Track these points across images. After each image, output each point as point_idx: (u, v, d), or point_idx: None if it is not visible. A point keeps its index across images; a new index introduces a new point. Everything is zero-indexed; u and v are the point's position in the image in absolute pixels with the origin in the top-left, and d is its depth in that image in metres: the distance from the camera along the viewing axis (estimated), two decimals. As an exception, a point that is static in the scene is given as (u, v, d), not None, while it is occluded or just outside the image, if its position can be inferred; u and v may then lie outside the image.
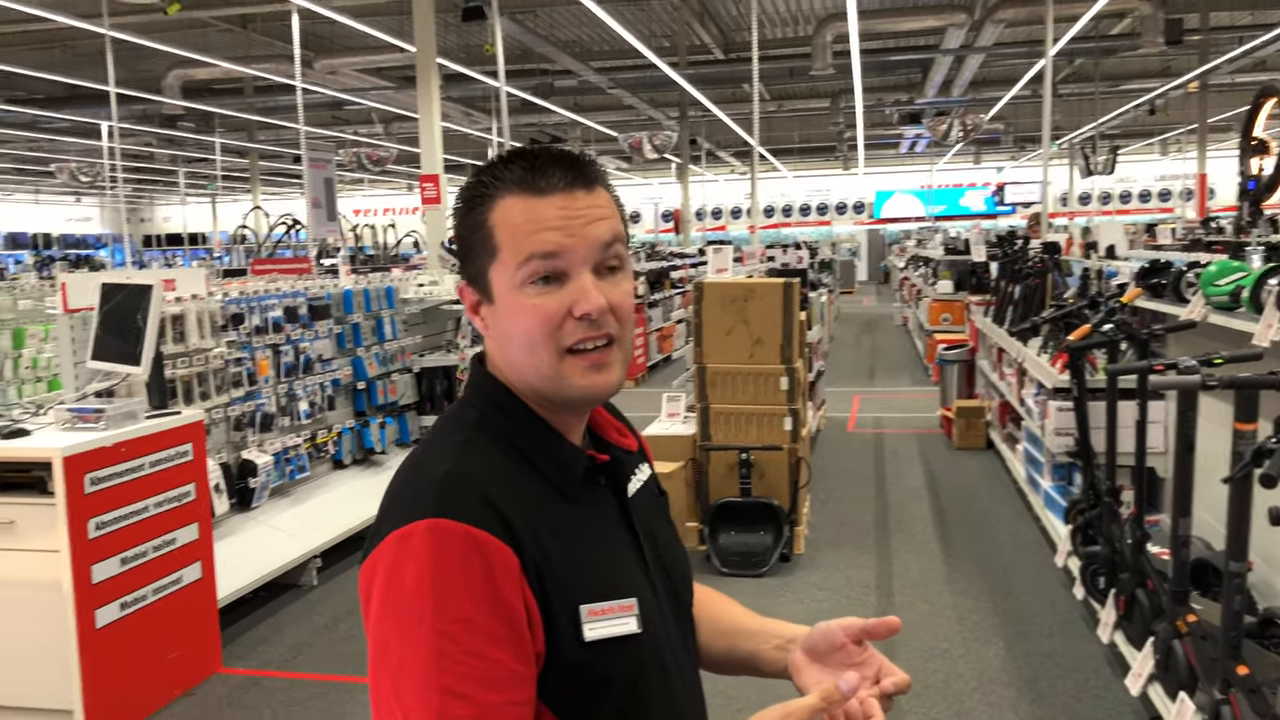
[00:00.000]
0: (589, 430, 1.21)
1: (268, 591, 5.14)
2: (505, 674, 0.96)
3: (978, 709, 3.88)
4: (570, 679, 1.03)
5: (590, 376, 1.08)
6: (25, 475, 3.79)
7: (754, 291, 5.91)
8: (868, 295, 28.86)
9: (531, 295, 1.06)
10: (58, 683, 3.70)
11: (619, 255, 1.10)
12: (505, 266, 1.07)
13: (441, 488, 1.02)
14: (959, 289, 11.92)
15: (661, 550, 1.21)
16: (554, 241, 1.06)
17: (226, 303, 5.45)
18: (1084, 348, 4.39)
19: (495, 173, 1.10)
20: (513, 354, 1.10)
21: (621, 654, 1.06)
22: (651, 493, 1.27)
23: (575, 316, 1.06)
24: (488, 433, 1.11)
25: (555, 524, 1.06)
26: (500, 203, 1.08)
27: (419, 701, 0.94)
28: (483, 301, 1.12)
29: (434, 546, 0.98)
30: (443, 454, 1.08)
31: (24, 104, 16.43)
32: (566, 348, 1.07)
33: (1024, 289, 6.98)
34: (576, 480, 1.12)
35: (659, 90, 17.90)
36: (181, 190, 27.57)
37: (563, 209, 1.07)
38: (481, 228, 1.09)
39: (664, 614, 1.15)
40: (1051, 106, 10.52)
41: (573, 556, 1.06)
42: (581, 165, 1.11)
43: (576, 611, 1.03)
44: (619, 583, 1.09)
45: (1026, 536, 5.97)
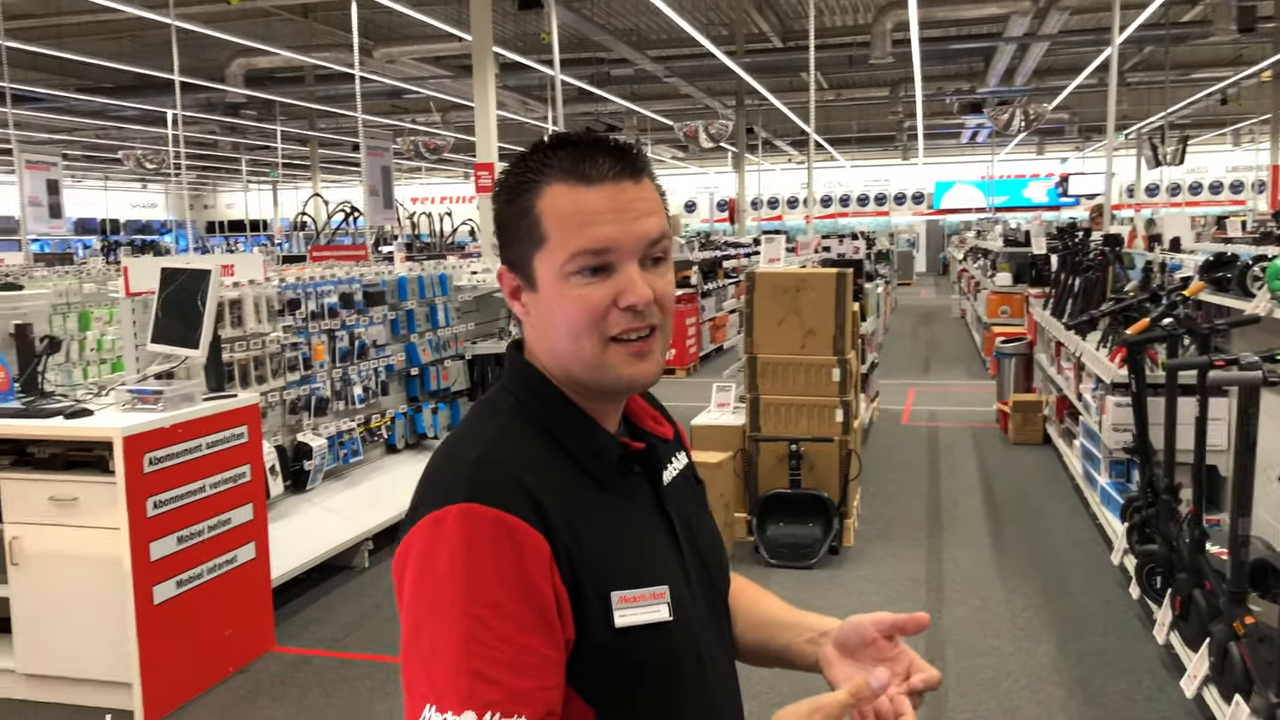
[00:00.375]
0: (625, 418, 1.21)
1: (320, 572, 5.23)
2: (535, 659, 0.97)
3: (1026, 707, 3.83)
4: (602, 666, 1.03)
5: (634, 365, 1.09)
6: (88, 454, 3.89)
7: (806, 282, 5.86)
8: (926, 287, 28.52)
9: (578, 285, 1.06)
10: (117, 656, 3.80)
11: (664, 249, 1.10)
12: (552, 256, 1.07)
13: (474, 473, 1.03)
14: (1018, 281, 11.73)
15: (697, 538, 1.21)
16: (604, 237, 1.06)
17: (283, 288, 5.53)
18: (1143, 342, 4.30)
19: (541, 159, 1.09)
20: (555, 341, 1.10)
21: (653, 641, 1.06)
22: (688, 481, 1.27)
23: (620, 307, 1.06)
24: (523, 419, 1.11)
25: (588, 511, 1.06)
26: (548, 190, 1.07)
27: (449, 684, 0.95)
28: (524, 287, 1.12)
29: (466, 531, 0.98)
30: (478, 439, 1.08)
31: (94, 93, 16.84)
32: (610, 337, 1.08)
33: (1084, 282, 6.84)
34: (611, 467, 1.12)
35: (716, 79, 17.82)
36: (244, 177, 28.09)
37: (612, 200, 1.06)
38: (527, 215, 1.08)
39: (698, 602, 1.15)
40: (1119, 96, 10.29)
41: (605, 543, 1.06)
42: (630, 155, 1.10)
43: (608, 598, 1.04)
44: (651, 570, 1.09)
45: (1082, 534, 5.87)
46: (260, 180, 33.03)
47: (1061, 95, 19.09)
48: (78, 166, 27.95)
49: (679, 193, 34.53)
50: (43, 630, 3.93)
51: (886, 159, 31.94)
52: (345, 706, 3.94)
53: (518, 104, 18.04)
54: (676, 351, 12.23)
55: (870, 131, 27.00)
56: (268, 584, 4.54)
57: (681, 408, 9.65)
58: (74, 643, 3.90)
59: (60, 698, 3.96)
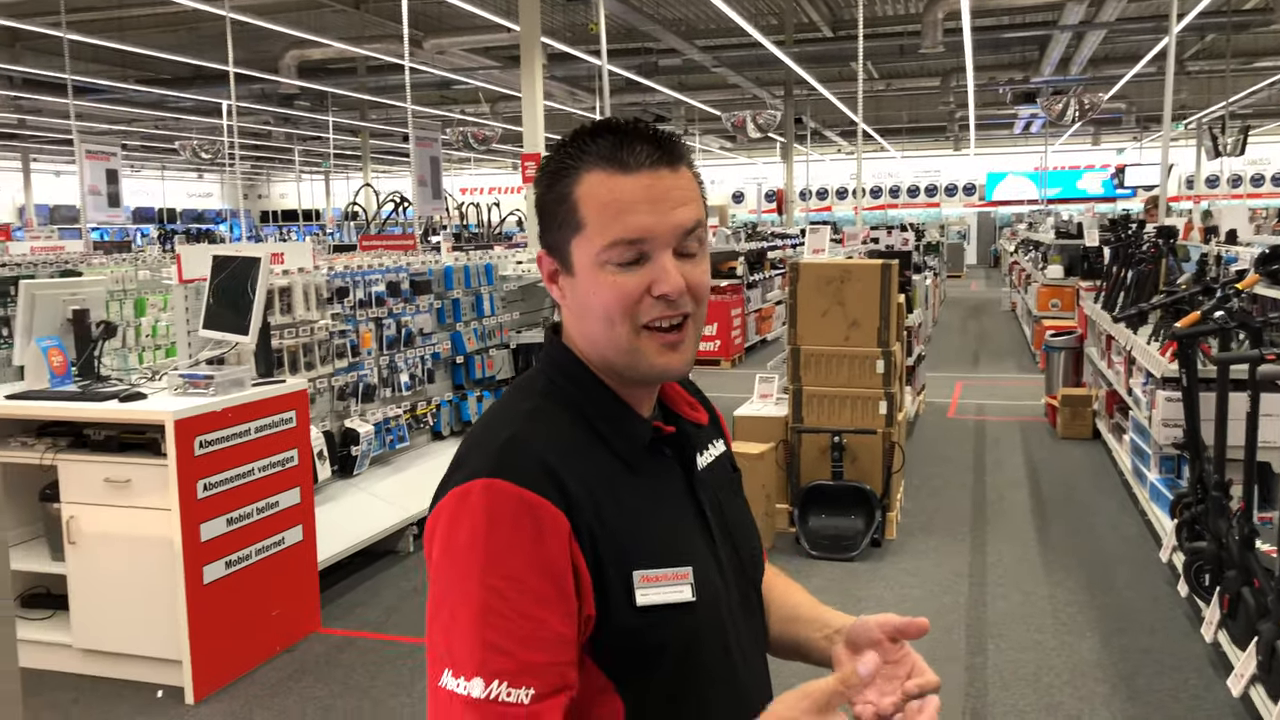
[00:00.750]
0: (661, 403, 1.22)
1: (365, 556, 5.31)
2: (549, 635, 0.99)
3: (1068, 703, 3.79)
4: (623, 643, 1.05)
5: (666, 355, 1.10)
6: (141, 437, 3.99)
7: (851, 273, 5.83)
8: (976, 279, 28.18)
9: (613, 272, 1.08)
10: (168, 634, 3.90)
11: (700, 238, 1.12)
12: (589, 243, 1.08)
13: (502, 451, 1.05)
14: (1069, 274, 11.56)
15: (730, 526, 1.22)
16: (640, 226, 1.07)
17: (332, 276, 5.62)
18: (1193, 335, 4.22)
19: (581, 145, 1.10)
20: (590, 326, 1.12)
21: (676, 622, 1.07)
22: (724, 468, 1.28)
23: (654, 296, 1.08)
24: (555, 400, 1.13)
25: (615, 491, 1.08)
26: (586, 177, 1.09)
27: (464, 653, 0.98)
28: (561, 272, 1.13)
29: (488, 505, 1.01)
30: (509, 418, 1.11)
31: (152, 84, 17.15)
32: (643, 324, 1.09)
33: (1136, 274, 6.73)
34: (641, 450, 1.14)
35: (764, 69, 17.74)
36: (296, 168, 28.45)
37: (649, 189, 1.08)
38: (565, 200, 1.10)
39: (729, 588, 1.16)
40: (1178, 85, 10.09)
41: (631, 524, 1.08)
42: (668, 143, 1.11)
43: (630, 577, 1.05)
44: (677, 551, 1.10)
45: (1130, 530, 5.79)
46: (313, 170, 33.45)
47: (1118, 85, 18.73)
48: (136, 156, 28.49)
49: (726, 183, 34.42)
50: (98, 607, 4.04)
51: (937, 150, 31.58)
52: (387, 687, 4.01)
53: (565, 94, 18.08)
54: (721, 342, 12.22)
55: (921, 122, 26.68)
56: (314, 566, 4.62)
57: (725, 399, 9.64)
58: (127, 620, 4.01)
59: (114, 673, 4.08)
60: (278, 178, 37.58)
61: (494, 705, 0.96)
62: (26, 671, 4.08)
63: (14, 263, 7.42)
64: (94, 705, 3.89)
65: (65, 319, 4.40)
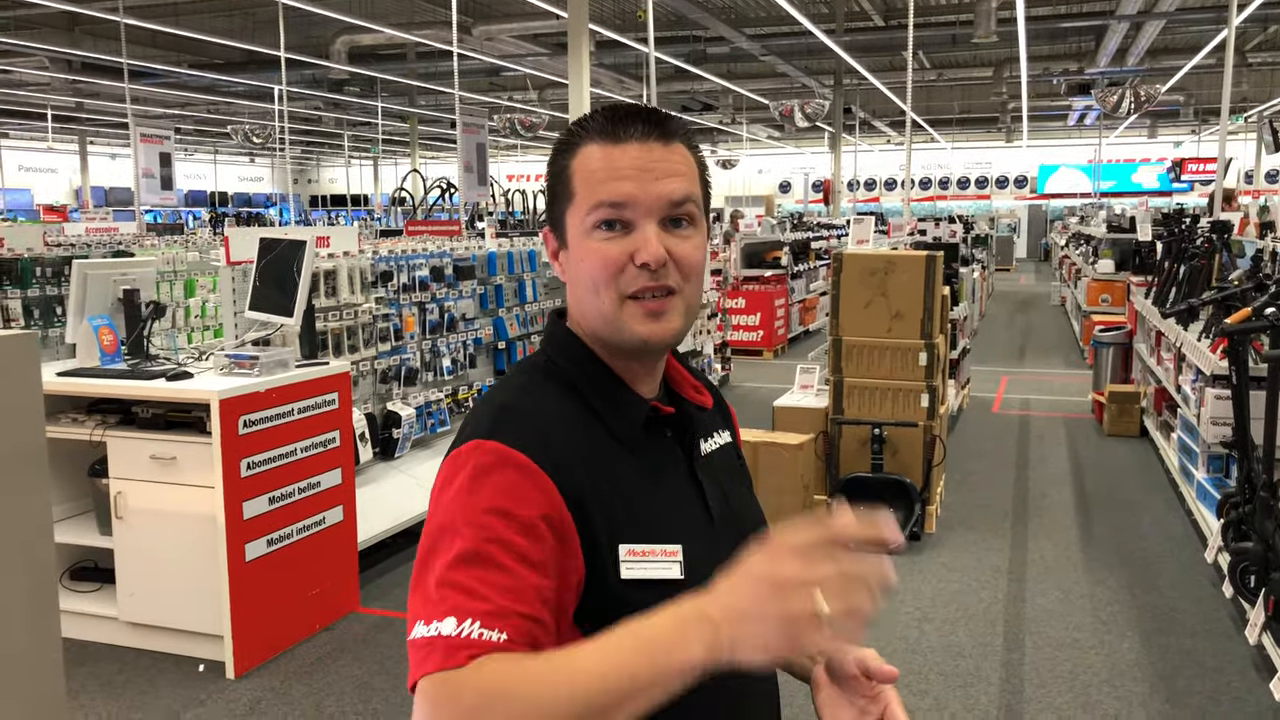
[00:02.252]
0: (666, 385, 1.23)
1: (405, 538, 5.36)
2: (526, 588, 0.97)
3: (1105, 702, 3.74)
4: (607, 614, 1.03)
5: (648, 324, 1.11)
6: (187, 415, 4.07)
7: (895, 264, 5.78)
8: (1025, 273, 27.79)
9: (598, 239, 1.10)
10: (211, 609, 3.98)
11: (689, 213, 1.12)
12: (578, 211, 1.11)
13: (495, 416, 1.08)
14: (1120, 269, 11.37)
15: (735, 513, 1.21)
16: (623, 191, 1.08)
17: (376, 260, 5.67)
18: (1244, 332, 4.14)
19: (583, 123, 1.14)
20: (580, 296, 1.14)
21: (660, 598, 1.06)
22: (730, 457, 1.28)
23: (636, 265, 1.09)
24: (550, 376, 1.15)
25: (608, 466, 1.09)
26: (581, 150, 1.12)
27: (437, 598, 0.96)
28: (560, 247, 1.16)
29: (477, 464, 1.03)
30: (505, 390, 1.14)
31: (205, 69, 17.40)
32: (627, 294, 1.10)
33: (1189, 270, 6.61)
34: (637, 428, 1.14)
35: (814, 57, 17.59)
36: (346, 153, 28.72)
37: (636, 159, 1.10)
38: (562, 173, 1.14)
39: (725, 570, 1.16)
40: (1239, 76, 9.85)
41: (621, 498, 1.08)
42: (662, 119, 1.13)
43: (616, 549, 1.06)
44: (668, 529, 1.10)
45: (1175, 529, 5.69)
46: (362, 156, 33.77)
47: (1176, 76, 18.35)
48: (189, 140, 28.96)
49: (773, 173, 34.22)
50: (143, 582, 4.13)
51: (989, 141, 31.15)
52: (424, 668, 4.06)
53: (613, 82, 18.07)
54: (764, 333, 12.17)
55: (972, 113, 26.35)
56: (354, 546, 4.69)
57: (765, 389, 9.63)
58: (171, 595, 4.09)
59: (157, 646, 4.16)
60: (327, 163, 38.00)
61: (464, 640, 0.91)
62: (73, 643, 4.19)
63: (69, 243, 7.58)
64: (137, 677, 3.98)
65: (116, 298, 4.48)
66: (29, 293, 5.62)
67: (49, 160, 29.34)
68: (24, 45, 14.55)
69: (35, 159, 29.15)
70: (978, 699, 3.77)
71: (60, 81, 17.95)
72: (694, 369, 1.30)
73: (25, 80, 18.70)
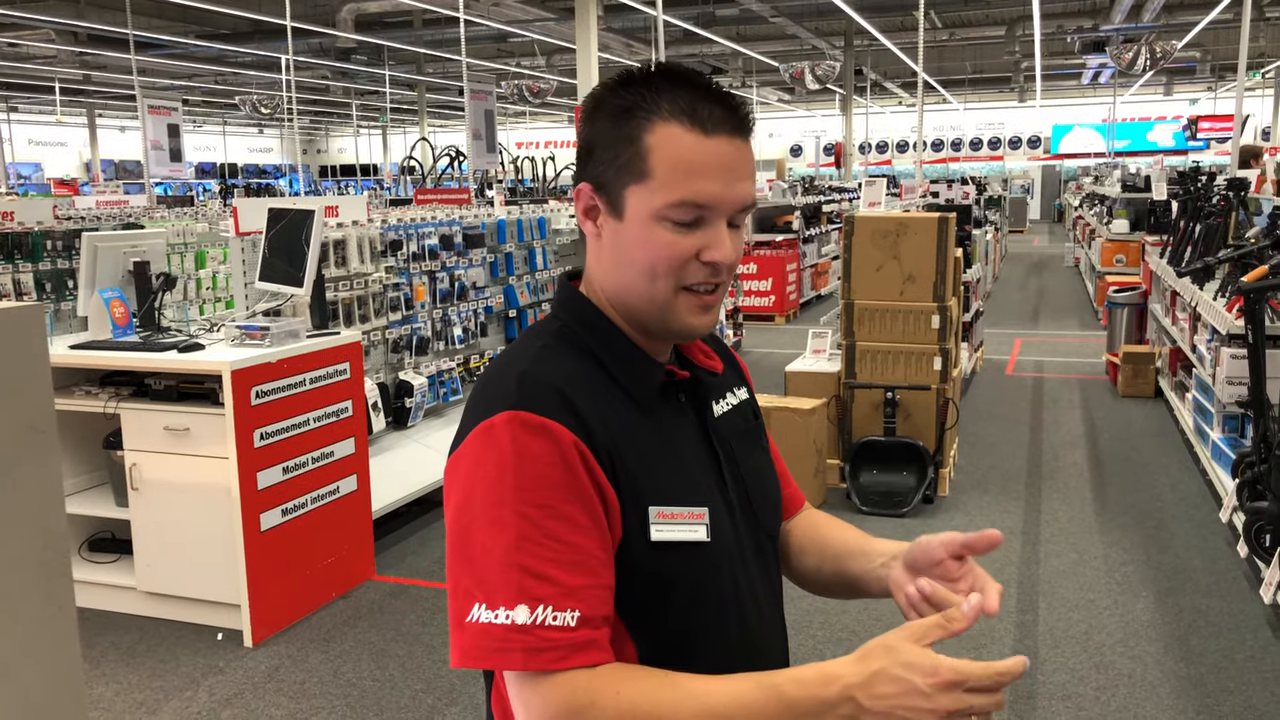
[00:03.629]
0: (676, 350, 1.22)
1: (419, 506, 5.39)
2: (587, 558, 0.99)
3: (1119, 662, 3.75)
4: (635, 578, 1.05)
5: (699, 316, 1.11)
6: (199, 387, 4.08)
7: (907, 227, 5.73)
8: (1039, 235, 27.60)
9: (669, 230, 1.07)
10: (228, 579, 4.01)
11: (747, 214, 1.13)
12: (652, 194, 1.07)
13: (519, 385, 1.06)
14: (1135, 229, 11.27)
15: (744, 474, 1.21)
16: (711, 193, 1.06)
17: (385, 229, 5.66)
18: (1261, 290, 4.10)
19: (655, 89, 1.08)
20: (628, 275, 1.11)
21: (687, 560, 1.08)
22: (744, 416, 1.28)
23: (703, 261, 1.08)
24: (567, 341, 1.14)
25: (629, 429, 1.09)
26: (661, 127, 1.07)
27: (500, 581, 0.97)
28: (605, 211, 1.12)
29: (514, 435, 1.02)
30: (521, 357, 1.12)
31: (212, 39, 17.32)
32: (684, 286, 1.09)
33: (1204, 229, 6.54)
34: (653, 392, 1.14)
35: (824, 18, 17.41)
36: (354, 122, 28.62)
37: (724, 157, 1.07)
38: (633, 144, 1.08)
39: (739, 534, 1.16)
40: (1256, 31, 9.70)
41: (645, 461, 1.08)
42: (744, 112, 1.10)
43: (646, 512, 1.06)
44: (691, 493, 1.11)
45: (1190, 489, 5.67)
46: (370, 125, 33.66)
47: (1193, 32, 18.08)
48: (198, 112, 28.90)
49: (784, 136, 33.98)
50: (160, 552, 4.17)
51: (1002, 101, 30.82)
52: (439, 633, 4.09)
53: (621, 46, 17.91)
54: (776, 298, 12.13)
55: (985, 73, 26.04)
56: (369, 515, 4.71)
57: (778, 354, 9.61)
58: (188, 565, 4.13)
59: (176, 615, 4.21)
60: (336, 132, 37.89)
61: (541, 630, 0.95)
62: (93, 613, 4.24)
63: (79, 216, 7.59)
64: (156, 646, 4.02)
65: (127, 271, 4.49)
66: (40, 266, 5.63)
67: (58, 134, 29.33)
68: (30, 18, 14.50)
69: (44, 132, 29.15)
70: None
71: (67, 54, 17.91)
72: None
73: (32, 53, 18.66)
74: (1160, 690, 3.55)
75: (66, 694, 1.53)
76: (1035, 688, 3.59)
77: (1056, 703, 3.48)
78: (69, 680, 1.53)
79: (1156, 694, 3.52)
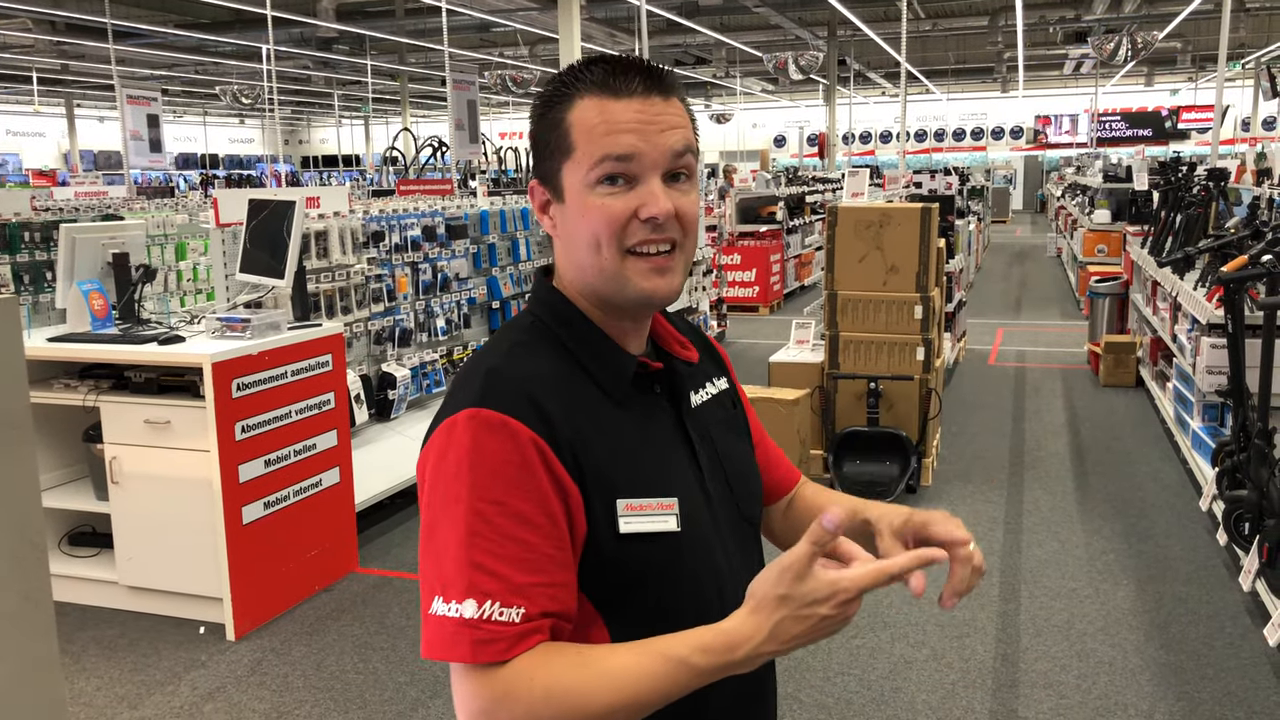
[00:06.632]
0: (653, 342, 1.23)
1: (403, 498, 5.38)
2: (537, 556, 1.01)
3: (1100, 650, 3.77)
4: (606, 571, 1.07)
5: (652, 279, 1.10)
6: (180, 379, 4.05)
7: (890, 217, 5.74)
8: (1022, 225, 27.70)
9: (601, 195, 1.08)
10: (210, 572, 3.98)
11: (688, 165, 1.11)
12: (578, 165, 1.09)
13: (484, 382, 1.07)
14: (1117, 219, 11.33)
15: (724, 462, 1.22)
16: (628, 144, 1.07)
17: (367, 220, 5.63)
18: (1240, 280, 4.12)
19: (576, 75, 1.12)
20: (578, 253, 1.12)
21: (659, 552, 1.09)
22: (722, 406, 1.28)
23: (641, 219, 1.08)
24: (539, 336, 1.14)
25: (599, 423, 1.09)
26: (579, 103, 1.09)
27: (455, 575, 1.00)
28: (552, 201, 1.14)
29: (473, 432, 1.03)
30: (493, 354, 1.13)
31: (191, 29, 17.17)
32: (629, 248, 1.09)
33: (1185, 219, 6.58)
34: (626, 384, 1.14)
35: (807, 8, 17.38)
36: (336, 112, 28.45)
37: (639, 112, 1.08)
38: (558, 126, 1.10)
39: (718, 523, 1.17)
40: (1236, 22, 9.74)
41: (614, 453, 1.09)
42: (659, 73, 1.12)
43: (614, 505, 1.07)
44: (662, 482, 1.11)
45: (1170, 478, 5.71)
46: (353, 115, 33.47)
47: (1174, 23, 18.16)
48: (178, 102, 28.68)
49: (768, 127, 33.97)
50: (141, 546, 4.14)
51: (984, 91, 30.90)
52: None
53: (605, 36, 17.86)
54: (760, 288, 12.14)
55: (968, 63, 26.10)
56: (352, 507, 4.69)
57: (761, 345, 9.62)
58: (170, 558, 4.10)
59: (158, 609, 4.18)
60: (318, 123, 37.66)
61: (486, 624, 0.98)
62: (74, 607, 4.22)
63: (58, 208, 7.52)
64: (138, 640, 4.00)
65: (106, 262, 4.45)
66: (18, 258, 5.57)
67: (36, 124, 29.08)
68: (6, 6, 14.33)
69: (22, 123, 28.89)
70: (974, 649, 3.80)
71: (44, 43, 17.73)
72: (684, 322, 1.30)
73: (9, 42, 18.46)
74: (1140, 677, 3.57)
75: (44, 690, 1.52)
76: (1018, 676, 3.61)
77: (1038, 690, 3.50)
78: (47, 677, 1.51)
79: (1137, 681, 3.55)
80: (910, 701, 3.46)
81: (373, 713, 3.45)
